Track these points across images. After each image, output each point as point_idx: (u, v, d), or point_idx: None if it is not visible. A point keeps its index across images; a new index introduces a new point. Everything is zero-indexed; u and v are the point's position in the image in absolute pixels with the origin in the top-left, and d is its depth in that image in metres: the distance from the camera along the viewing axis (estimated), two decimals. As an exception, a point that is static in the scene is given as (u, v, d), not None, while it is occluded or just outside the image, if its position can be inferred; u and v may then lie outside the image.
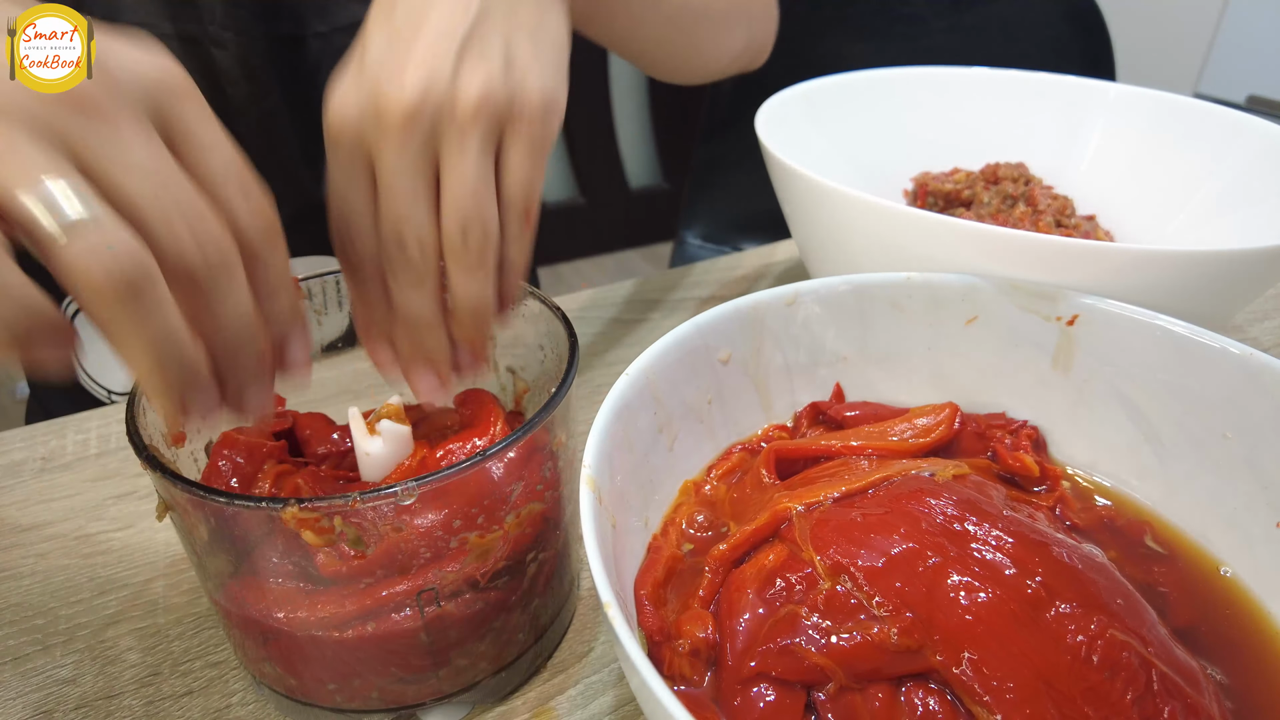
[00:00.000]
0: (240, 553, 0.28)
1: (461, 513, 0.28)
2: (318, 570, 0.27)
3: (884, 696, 0.26)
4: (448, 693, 0.31)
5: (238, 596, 0.28)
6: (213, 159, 0.24)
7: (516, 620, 0.32)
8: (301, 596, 0.28)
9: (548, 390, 0.34)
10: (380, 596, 0.28)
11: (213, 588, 0.30)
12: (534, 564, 0.31)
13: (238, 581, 0.29)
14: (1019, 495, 0.35)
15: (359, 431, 0.32)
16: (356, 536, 0.26)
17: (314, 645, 0.29)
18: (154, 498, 0.37)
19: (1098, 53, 1.07)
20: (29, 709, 0.32)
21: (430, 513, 0.27)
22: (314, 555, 0.27)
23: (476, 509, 0.28)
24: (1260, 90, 1.79)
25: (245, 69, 0.53)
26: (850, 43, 1.05)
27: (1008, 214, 0.57)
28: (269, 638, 0.29)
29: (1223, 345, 0.34)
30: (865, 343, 0.41)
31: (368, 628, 0.28)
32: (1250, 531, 0.33)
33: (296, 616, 0.28)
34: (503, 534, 0.29)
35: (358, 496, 0.25)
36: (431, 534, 0.28)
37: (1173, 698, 0.25)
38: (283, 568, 0.28)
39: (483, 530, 0.29)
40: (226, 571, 0.29)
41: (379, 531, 0.27)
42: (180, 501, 0.27)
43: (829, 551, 0.29)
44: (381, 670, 0.30)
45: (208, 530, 0.27)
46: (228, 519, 0.27)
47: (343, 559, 0.27)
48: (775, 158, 0.49)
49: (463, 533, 0.28)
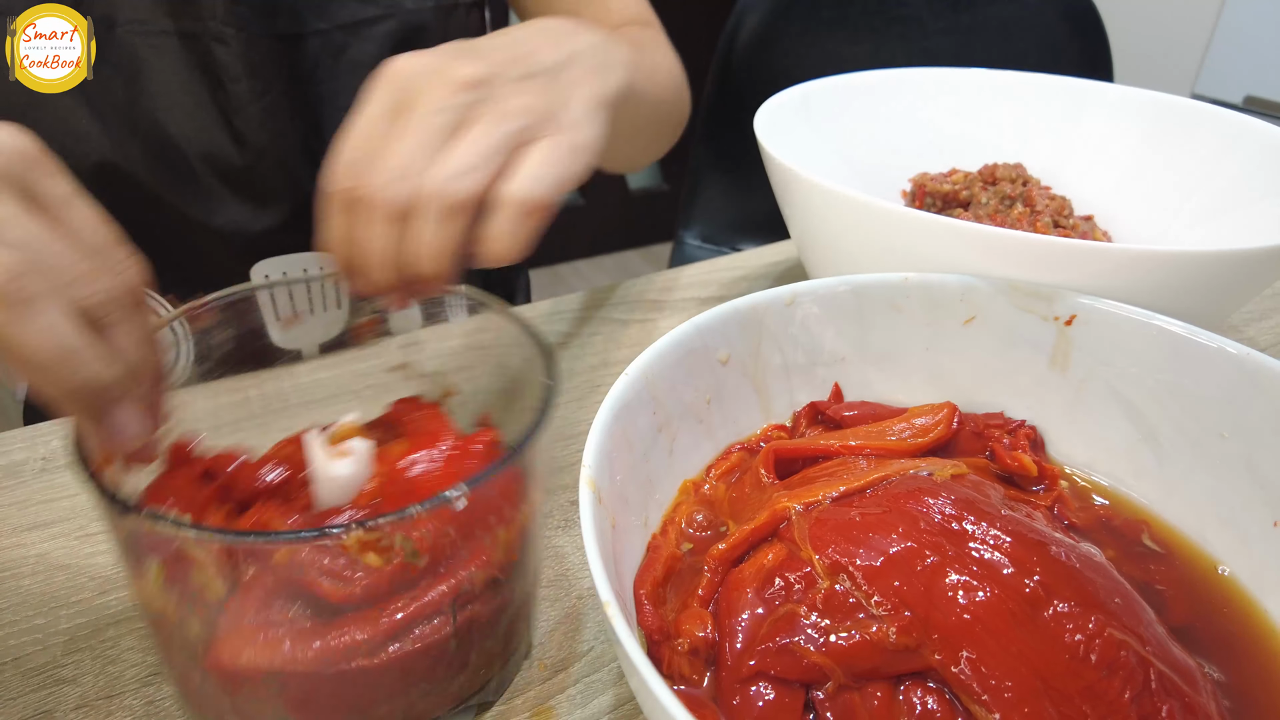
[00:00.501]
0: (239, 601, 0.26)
1: (492, 510, 0.28)
2: (326, 598, 0.26)
3: (882, 695, 0.27)
4: (463, 697, 0.31)
5: (233, 652, 0.26)
6: (73, 216, 0.26)
7: (520, 610, 0.32)
8: (320, 629, 0.27)
9: (479, 393, 0.34)
10: (418, 607, 0.27)
11: (195, 655, 0.27)
12: (532, 552, 0.31)
13: (235, 635, 0.27)
14: (1017, 495, 0.35)
15: (321, 456, 0.31)
16: (414, 550, 0.26)
17: (338, 680, 0.27)
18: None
19: (1095, 53, 1.08)
20: (29, 709, 0.32)
21: (470, 515, 0.27)
22: (319, 584, 0.26)
23: (503, 504, 0.29)
24: (1257, 91, 1.79)
25: (246, 65, 0.54)
26: (848, 44, 1.05)
27: (1005, 214, 0.57)
28: (281, 687, 0.27)
29: (1220, 345, 0.34)
30: (863, 343, 0.41)
31: (396, 646, 0.27)
32: (1247, 530, 0.33)
33: (321, 649, 0.27)
34: (519, 525, 0.30)
35: (418, 509, 0.25)
36: (470, 536, 0.28)
37: (1170, 696, 0.25)
38: (293, 602, 0.27)
39: (506, 524, 0.29)
40: (209, 632, 0.27)
41: (429, 541, 0.27)
42: (203, 553, 0.25)
43: (827, 551, 0.29)
44: (407, 688, 0.29)
45: (221, 581, 0.26)
46: (257, 556, 0.26)
47: (366, 577, 0.26)
48: (773, 159, 0.49)
49: (493, 530, 0.28)
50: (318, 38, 0.56)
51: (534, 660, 0.35)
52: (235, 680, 0.27)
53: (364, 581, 0.26)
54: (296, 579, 0.26)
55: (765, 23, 1.04)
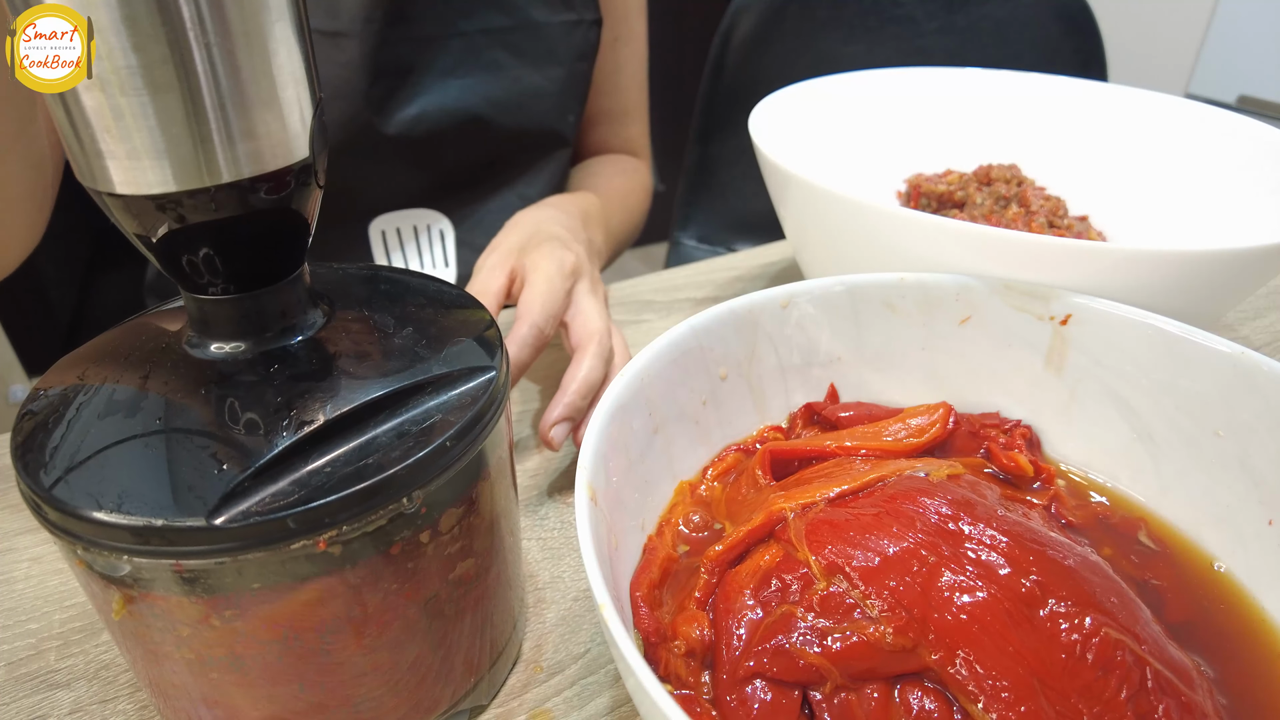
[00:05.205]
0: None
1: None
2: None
3: (879, 696, 0.27)
4: (453, 701, 0.31)
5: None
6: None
7: (501, 610, 0.32)
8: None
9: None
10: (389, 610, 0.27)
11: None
12: (504, 550, 0.31)
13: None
14: (1013, 494, 0.35)
15: None
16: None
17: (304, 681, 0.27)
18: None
19: (1089, 53, 1.08)
20: (23, 714, 0.32)
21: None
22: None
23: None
24: (1251, 90, 1.80)
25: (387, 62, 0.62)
26: (843, 44, 1.05)
27: (1000, 215, 0.57)
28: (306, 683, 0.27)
29: (1214, 344, 0.34)
30: (859, 343, 0.41)
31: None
32: (1242, 528, 0.33)
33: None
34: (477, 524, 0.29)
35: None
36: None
37: (1167, 695, 0.25)
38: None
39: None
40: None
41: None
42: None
43: (824, 552, 0.29)
44: (382, 693, 0.28)
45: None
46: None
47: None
48: (769, 159, 0.49)
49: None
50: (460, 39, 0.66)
51: (530, 663, 0.35)
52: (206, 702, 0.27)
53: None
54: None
55: (760, 23, 1.04)
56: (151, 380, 0.26)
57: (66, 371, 0.27)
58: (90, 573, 0.24)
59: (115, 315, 0.34)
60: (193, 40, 0.21)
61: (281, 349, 0.27)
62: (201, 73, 0.21)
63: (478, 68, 0.68)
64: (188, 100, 0.21)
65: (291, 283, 0.27)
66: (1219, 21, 1.81)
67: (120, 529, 0.22)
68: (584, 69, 0.74)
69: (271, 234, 0.26)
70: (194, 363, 0.26)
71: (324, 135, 0.26)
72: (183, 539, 0.22)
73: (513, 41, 0.69)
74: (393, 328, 0.29)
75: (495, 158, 0.73)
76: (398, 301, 0.31)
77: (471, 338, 0.29)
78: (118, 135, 0.21)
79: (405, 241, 0.73)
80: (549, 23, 0.70)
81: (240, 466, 0.23)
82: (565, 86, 0.73)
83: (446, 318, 0.30)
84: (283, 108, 0.23)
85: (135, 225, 0.23)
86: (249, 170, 0.23)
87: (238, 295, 0.26)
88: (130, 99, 0.21)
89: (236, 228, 0.24)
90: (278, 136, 0.24)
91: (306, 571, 0.24)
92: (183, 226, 0.23)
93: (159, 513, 0.22)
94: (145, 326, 0.29)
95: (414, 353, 0.28)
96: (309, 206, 0.26)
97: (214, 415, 0.24)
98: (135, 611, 0.24)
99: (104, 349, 0.28)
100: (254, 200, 0.24)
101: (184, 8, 0.20)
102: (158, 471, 0.23)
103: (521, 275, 0.46)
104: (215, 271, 0.25)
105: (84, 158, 0.22)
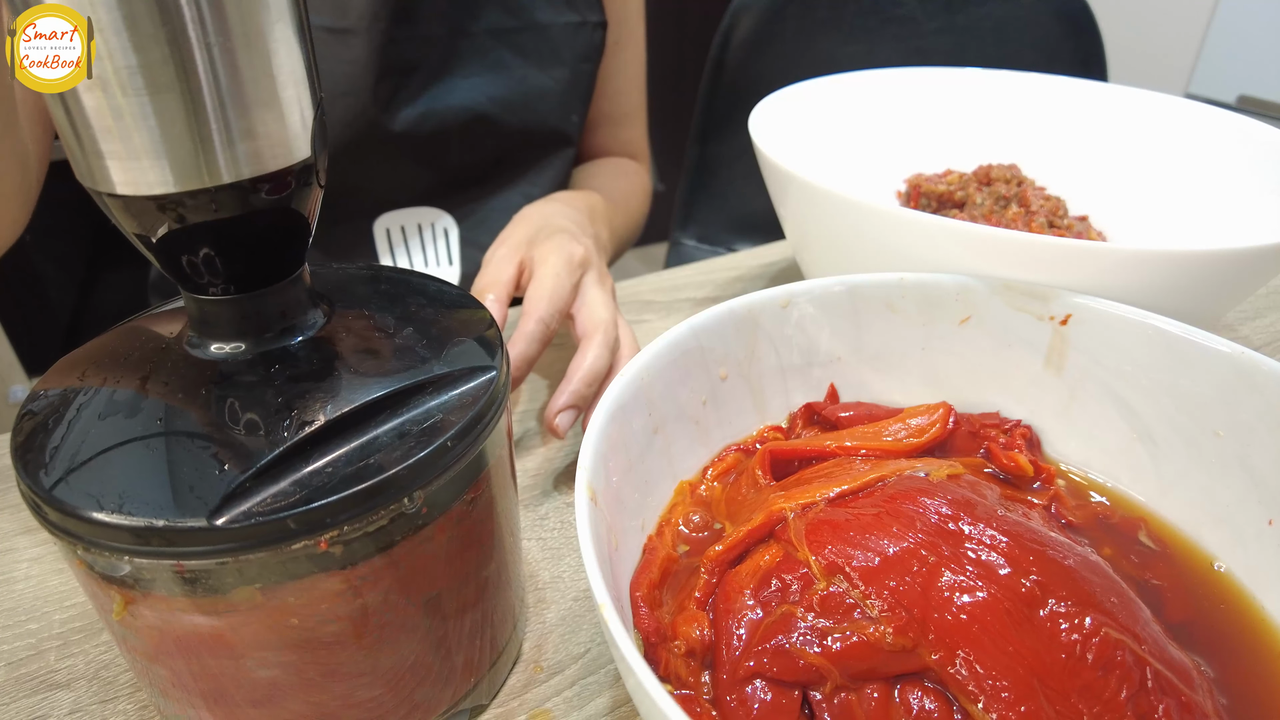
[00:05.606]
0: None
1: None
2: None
3: (879, 695, 0.27)
4: (453, 701, 0.31)
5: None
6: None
7: (502, 611, 0.32)
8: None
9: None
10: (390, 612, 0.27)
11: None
12: (503, 551, 0.31)
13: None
14: (1013, 494, 0.35)
15: None
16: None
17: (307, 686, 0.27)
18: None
19: (1089, 53, 1.08)
20: (23, 714, 0.32)
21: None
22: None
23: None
24: (1251, 90, 1.80)
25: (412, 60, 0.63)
26: (843, 44, 1.05)
27: (1000, 215, 0.57)
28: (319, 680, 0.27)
29: (1214, 344, 0.34)
30: (859, 343, 0.41)
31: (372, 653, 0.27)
32: (1242, 528, 0.33)
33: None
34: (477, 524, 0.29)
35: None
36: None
37: (1166, 695, 0.25)
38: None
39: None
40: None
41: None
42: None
43: (824, 552, 0.29)
44: (384, 693, 0.28)
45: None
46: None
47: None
48: (769, 159, 0.49)
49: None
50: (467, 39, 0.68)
51: (530, 662, 0.35)
52: (209, 698, 0.27)
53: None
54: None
55: (760, 23, 1.04)
56: (152, 380, 0.26)
57: (66, 372, 0.27)
58: (90, 573, 0.24)
59: (115, 315, 0.34)
60: (193, 40, 0.21)
61: (282, 349, 0.27)
62: (202, 73, 0.21)
63: (484, 67, 0.69)
64: (188, 100, 0.21)
65: (292, 283, 0.27)
66: (1219, 21, 1.81)
67: (121, 529, 0.22)
68: (588, 70, 0.74)
69: (272, 234, 0.26)
70: (194, 363, 0.26)
71: (324, 135, 0.26)
72: (184, 539, 0.22)
73: (518, 42, 0.69)
74: (393, 328, 0.29)
75: (500, 156, 0.74)
76: (398, 301, 0.31)
77: (472, 337, 0.29)
78: (118, 135, 0.21)
79: (410, 239, 0.73)
80: (554, 24, 0.71)
81: (241, 467, 0.23)
82: (570, 87, 0.73)
83: (447, 318, 0.30)
84: (283, 108, 0.23)
85: (135, 226, 0.23)
86: (249, 171, 0.23)
87: (238, 295, 0.26)
88: (130, 99, 0.21)
89: (237, 228, 0.24)
90: (278, 137, 0.24)
91: (307, 572, 0.24)
92: (183, 227, 0.23)
93: (160, 513, 0.22)
94: (145, 327, 0.29)
95: (414, 353, 0.28)
96: (309, 207, 0.26)
97: (214, 416, 0.24)
98: (135, 612, 0.24)
99: (104, 349, 0.28)
100: (254, 200, 0.24)
101: (184, 8, 0.20)
102: (158, 472, 0.23)
103: (530, 267, 0.46)
104: (215, 272, 0.25)
105: (84, 158, 0.22)
